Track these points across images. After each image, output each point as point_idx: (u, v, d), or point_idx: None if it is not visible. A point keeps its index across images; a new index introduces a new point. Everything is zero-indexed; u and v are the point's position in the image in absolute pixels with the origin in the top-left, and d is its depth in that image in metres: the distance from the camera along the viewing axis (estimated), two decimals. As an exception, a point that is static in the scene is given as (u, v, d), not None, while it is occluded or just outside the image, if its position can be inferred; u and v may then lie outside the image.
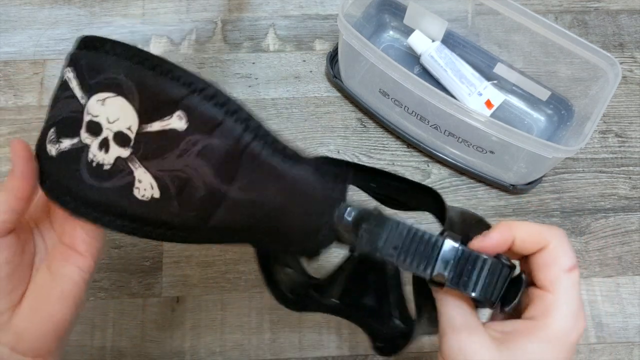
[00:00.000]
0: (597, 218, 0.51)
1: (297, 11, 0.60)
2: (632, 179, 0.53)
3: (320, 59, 0.57)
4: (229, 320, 0.46)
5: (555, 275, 0.27)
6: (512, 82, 0.55)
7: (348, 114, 0.55)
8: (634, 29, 0.60)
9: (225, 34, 0.58)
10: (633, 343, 0.46)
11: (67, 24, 0.58)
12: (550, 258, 0.27)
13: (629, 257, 0.49)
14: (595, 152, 0.54)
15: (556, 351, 0.26)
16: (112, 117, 0.26)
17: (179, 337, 0.45)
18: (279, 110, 0.54)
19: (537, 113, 0.55)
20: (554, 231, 0.28)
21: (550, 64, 0.52)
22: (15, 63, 0.56)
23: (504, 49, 0.55)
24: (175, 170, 0.26)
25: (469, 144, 0.48)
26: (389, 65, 0.45)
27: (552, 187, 0.52)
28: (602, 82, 0.48)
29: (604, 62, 0.47)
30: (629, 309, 0.48)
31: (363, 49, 0.46)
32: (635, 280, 0.49)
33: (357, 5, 0.53)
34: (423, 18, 0.55)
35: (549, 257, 0.27)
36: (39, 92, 0.54)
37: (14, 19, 0.58)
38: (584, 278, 0.48)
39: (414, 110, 0.49)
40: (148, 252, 0.48)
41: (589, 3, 0.61)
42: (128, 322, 0.46)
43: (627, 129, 0.55)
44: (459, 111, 0.44)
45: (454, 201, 0.51)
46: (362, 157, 0.53)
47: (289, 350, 0.45)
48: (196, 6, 0.60)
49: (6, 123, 0.53)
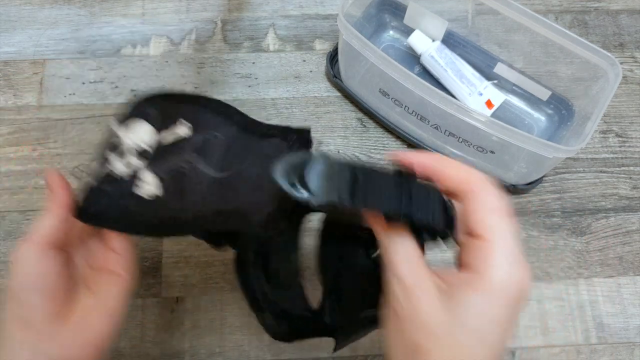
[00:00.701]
0: (598, 218, 0.51)
1: (297, 11, 0.60)
2: (633, 178, 0.52)
3: (320, 59, 0.57)
4: (229, 320, 0.46)
5: (486, 221, 0.25)
6: (513, 82, 0.55)
7: (348, 113, 0.55)
8: (634, 29, 0.59)
9: (225, 34, 0.58)
10: (634, 343, 0.46)
11: (67, 24, 0.58)
12: (479, 203, 0.25)
13: (630, 257, 0.49)
14: (595, 152, 0.54)
15: (498, 305, 0.24)
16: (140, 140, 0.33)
17: (178, 338, 0.45)
18: (279, 110, 0.54)
19: (537, 113, 0.55)
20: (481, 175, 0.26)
21: (551, 63, 0.52)
22: (15, 63, 0.56)
23: (504, 49, 0.55)
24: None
25: (469, 144, 0.48)
26: (389, 65, 0.45)
27: (553, 187, 0.52)
28: (602, 82, 0.47)
29: (604, 62, 0.47)
30: (630, 309, 0.47)
31: (363, 48, 0.46)
32: (636, 281, 0.48)
33: (357, 5, 0.53)
34: (423, 18, 0.55)
35: (479, 202, 0.25)
36: (38, 92, 0.54)
37: (14, 19, 0.58)
38: (584, 278, 0.48)
39: (414, 110, 0.49)
40: (147, 252, 0.48)
41: (589, 3, 0.61)
42: (127, 322, 0.46)
43: (627, 128, 0.55)
44: (460, 111, 0.44)
45: (455, 201, 0.51)
46: (362, 157, 0.53)
47: (288, 351, 0.45)
48: (196, 6, 0.60)
49: (6, 123, 0.53)
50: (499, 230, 0.25)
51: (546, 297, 0.48)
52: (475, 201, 0.26)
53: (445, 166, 0.27)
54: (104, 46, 0.57)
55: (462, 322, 0.24)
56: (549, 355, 0.46)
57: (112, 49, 0.57)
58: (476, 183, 0.26)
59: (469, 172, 0.26)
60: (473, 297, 0.24)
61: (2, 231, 0.48)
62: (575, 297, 0.48)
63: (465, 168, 0.26)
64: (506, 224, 0.25)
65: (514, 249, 0.25)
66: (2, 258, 0.47)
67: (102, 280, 0.32)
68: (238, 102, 0.55)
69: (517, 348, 0.46)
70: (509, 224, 0.25)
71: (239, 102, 0.54)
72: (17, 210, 0.49)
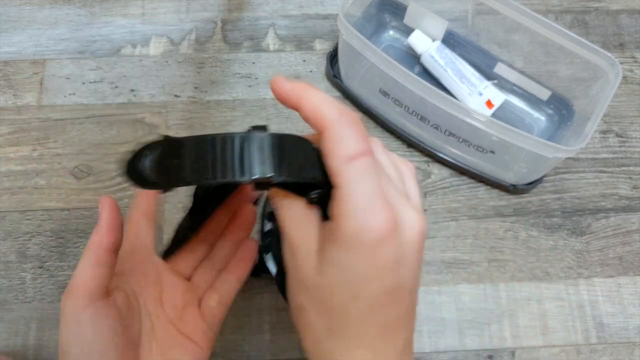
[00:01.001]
0: (598, 218, 0.51)
1: (297, 11, 0.60)
2: (633, 178, 0.52)
3: (320, 59, 0.57)
4: (229, 320, 0.46)
5: (335, 165, 0.22)
6: (513, 82, 0.55)
7: (348, 114, 0.55)
8: (634, 29, 0.59)
9: (225, 34, 0.58)
10: (634, 343, 0.46)
11: (67, 24, 0.58)
12: (332, 144, 0.22)
13: (630, 257, 0.49)
14: (595, 152, 0.54)
15: (355, 256, 0.22)
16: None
17: (178, 338, 0.45)
18: (279, 110, 0.54)
19: (537, 113, 0.55)
20: (335, 111, 0.22)
21: (551, 63, 0.52)
22: (15, 63, 0.56)
23: (504, 49, 0.55)
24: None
25: (469, 143, 0.48)
26: (389, 65, 0.45)
27: (553, 187, 0.52)
28: (602, 82, 0.48)
29: (604, 62, 0.47)
30: (630, 309, 0.47)
31: (363, 48, 0.46)
32: (636, 281, 0.48)
33: (357, 5, 0.53)
34: (423, 18, 0.55)
35: (331, 144, 0.22)
36: (38, 92, 0.54)
37: (14, 19, 0.58)
38: (584, 278, 0.48)
39: (415, 110, 0.49)
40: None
41: (589, 3, 0.61)
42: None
43: (627, 128, 0.55)
44: (460, 111, 0.44)
45: (454, 201, 0.51)
46: (362, 157, 0.53)
47: (288, 351, 0.45)
48: (196, 6, 0.60)
49: (6, 123, 0.53)
50: (348, 177, 0.22)
51: (546, 297, 0.48)
52: (328, 142, 0.22)
53: (305, 97, 0.23)
54: (104, 46, 0.57)
55: (329, 281, 0.23)
56: (549, 355, 0.46)
57: (112, 49, 0.57)
58: (329, 119, 0.22)
59: (323, 105, 0.23)
60: (333, 250, 0.22)
61: (2, 231, 0.48)
62: (575, 297, 0.48)
63: (321, 98, 0.23)
64: (360, 167, 0.22)
65: (370, 194, 0.22)
66: (2, 258, 0.47)
67: (179, 347, 0.28)
68: (238, 102, 0.55)
69: (517, 348, 0.46)
70: (361, 164, 0.22)
71: (239, 102, 0.54)
72: (17, 210, 0.49)
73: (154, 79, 0.55)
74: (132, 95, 0.55)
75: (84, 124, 0.53)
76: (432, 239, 0.49)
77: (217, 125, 0.53)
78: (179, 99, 0.54)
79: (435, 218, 0.50)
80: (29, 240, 0.48)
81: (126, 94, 0.55)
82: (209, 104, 0.54)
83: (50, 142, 0.52)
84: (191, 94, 0.55)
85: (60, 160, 0.51)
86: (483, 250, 0.49)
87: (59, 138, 0.52)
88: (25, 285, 0.46)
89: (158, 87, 0.55)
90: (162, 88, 0.55)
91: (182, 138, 0.23)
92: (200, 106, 0.54)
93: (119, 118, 0.53)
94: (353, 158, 0.22)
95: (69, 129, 0.53)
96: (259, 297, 0.47)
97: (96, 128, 0.53)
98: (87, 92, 0.54)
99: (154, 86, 0.55)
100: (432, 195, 0.51)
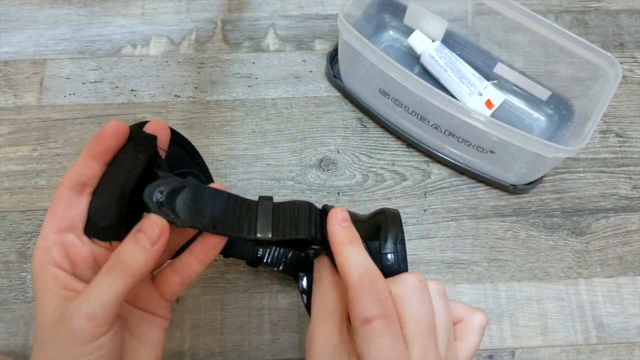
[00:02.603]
0: (597, 218, 0.51)
1: (297, 11, 0.60)
2: (633, 178, 0.52)
3: (320, 59, 0.57)
4: (229, 320, 0.46)
5: (353, 325, 0.25)
6: (512, 82, 0.55)
7: (348, 113, 0.55)
8: (634, 29, 0.60)
9: (225, 34, 0.58)
10: (634, 343, 0.46)
11: (67, 24, 0.58)
12: (349, 304, 0.25)
13: (630, 257, 0.49)
14: (595, 152, 0.54)
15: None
16: None
17: (178, 338, 0.45)
18: (279, 110, 0.54)
19: (537, 113, 0.55)
20: (356, 275, 0.25)
21: (551, 63, 0.52)
22: (15, 63, 0.56)
23: (504, 49, 0.55)
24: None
25: (469, 143, 0.48)
26: (389, 65, 0.45)
27: (553, 187, 0.52)
28: (602, 82, 0.48)
29: (604, 62, 0.47)
30: (630, 309, 0.47)
31: (363, 48, 0.46)
32: (636, 281, 0.48)
33: (357, 5, 0.53)
34: (423, 18, 0.55)
35: (349, 303, 0.25)
36: (38, 92, 0.54)
37: (14, 19, 0.58)
38: (584, 278, 0.48)
39: (414, 110, 0.49)
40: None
41: (589, 3, 0.61)
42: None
43: (627, 128, 0.55)
44: (460, 111, 0.44)
45: (454, 201, 0.51)
46: (362, 157, 0.53)
47: (289, 351, 0.45)
48: (196, 6, 0.60)
49: (6, 123, 0.53)
50: (362, 339, 0.25)
51: (546, 297, 0.48)
52: (349, 301, 0.26)
53: (338, 251, 0.27)
54: (104, 46, 0.57)
55: None
56: (549, 355, 0.46)
57: (112, 49, 0.57)
58: (351, 281, 0.26)
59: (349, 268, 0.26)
60: None
61: (2, 231, 0.48)
62: (575, 297, 0.48)
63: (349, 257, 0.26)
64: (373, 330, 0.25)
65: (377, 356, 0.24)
66: (2, 258, 0.47)
67: (144, 324, 0.29)
68: (238, 102, 0.55)
69: (517, 348, 0.46)
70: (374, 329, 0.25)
71: (239, 102, 0.55)
72: (17, 210, 0.49)
73: (154, 79, 0.55)
74: (132, 95, 0.55)
75: (84, 124, 0.53)
76: (432, 239, 0.49)
77: (217, 125, 0.53)
78: (179, 99, 0.54)
79: (435, 218, 0.50)
80: (29, 240, 0.48)
81: (126, 94, 0.55)
82: (209, 104, 0.54)
83: (50, 142, 0.52)
84: (191, 94, 0.55)
85: (60, 160, 0.51)
86: (483, 250, 0.49)
87: (59, 138, 0.52)
88: (25, 285, 0.46)
89: (158, 87, 0.55)
90: (162, 88, 0.55)
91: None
92: (200, 106, 0.54)
93: (119, 118, 0.53)
94: (367, 322, 0.24)
95: (69, 129, 0.53)
96: (259, 297, 0.47)
97: (96, 128, 0.53)
98: (87, 92, 0.54)
99: (154, 86, 0.55)
100: (432, 195, 0.51)
